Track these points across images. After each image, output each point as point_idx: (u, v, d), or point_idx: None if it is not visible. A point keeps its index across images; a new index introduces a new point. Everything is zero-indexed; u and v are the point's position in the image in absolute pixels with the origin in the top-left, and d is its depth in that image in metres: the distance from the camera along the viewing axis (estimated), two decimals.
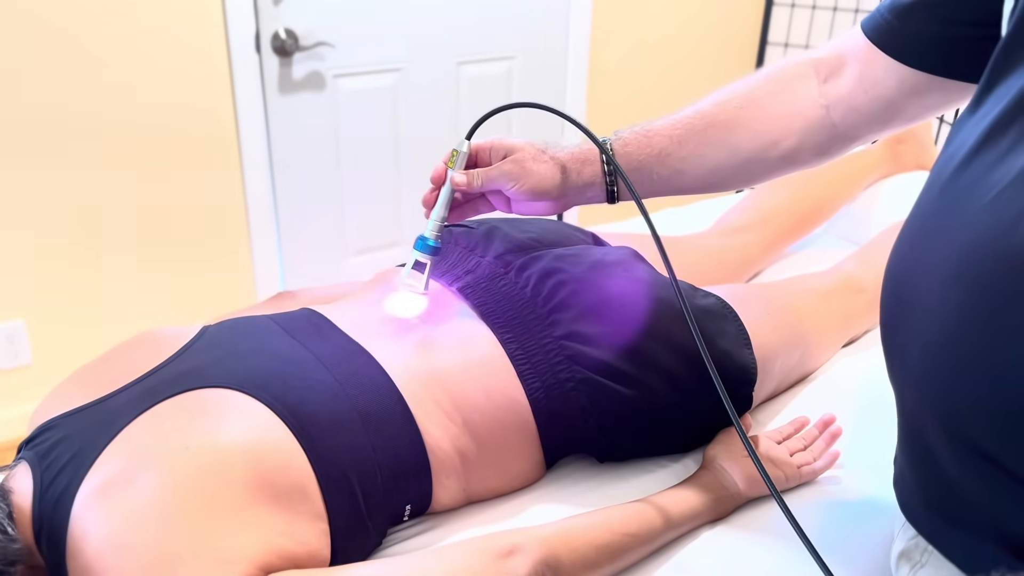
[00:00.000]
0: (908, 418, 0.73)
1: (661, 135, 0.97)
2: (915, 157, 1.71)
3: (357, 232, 2.48)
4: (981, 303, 0.60)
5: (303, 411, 0.83)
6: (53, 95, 1.93)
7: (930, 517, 0.73)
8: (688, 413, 1.04)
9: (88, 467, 0.76)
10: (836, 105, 0.93)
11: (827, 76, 0.94)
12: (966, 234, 0.62)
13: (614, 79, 2.77)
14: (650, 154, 0.96)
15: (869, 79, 0.90)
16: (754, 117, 0.95)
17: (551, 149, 0.98)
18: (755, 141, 0.95)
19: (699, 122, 0.96)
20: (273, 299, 1.16)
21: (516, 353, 0.98)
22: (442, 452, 0.92)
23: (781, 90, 0.95)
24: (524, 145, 0.97)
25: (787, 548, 0.92)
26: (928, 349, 0.65)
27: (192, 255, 2.23)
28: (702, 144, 0.96)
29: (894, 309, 0.72)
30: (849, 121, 0.93)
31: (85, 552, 0.72)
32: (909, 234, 0.72)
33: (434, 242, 0.99)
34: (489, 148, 0.98)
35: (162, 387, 0.84)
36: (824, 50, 0.96)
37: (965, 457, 0.63)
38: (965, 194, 0.63)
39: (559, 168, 0.96)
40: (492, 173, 0.96)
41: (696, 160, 0.96)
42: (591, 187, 0.98)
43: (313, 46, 2.20)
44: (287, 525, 0.77)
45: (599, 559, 0.86)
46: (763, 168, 0.97)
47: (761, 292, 1.23)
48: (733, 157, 0.96)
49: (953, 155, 0.67)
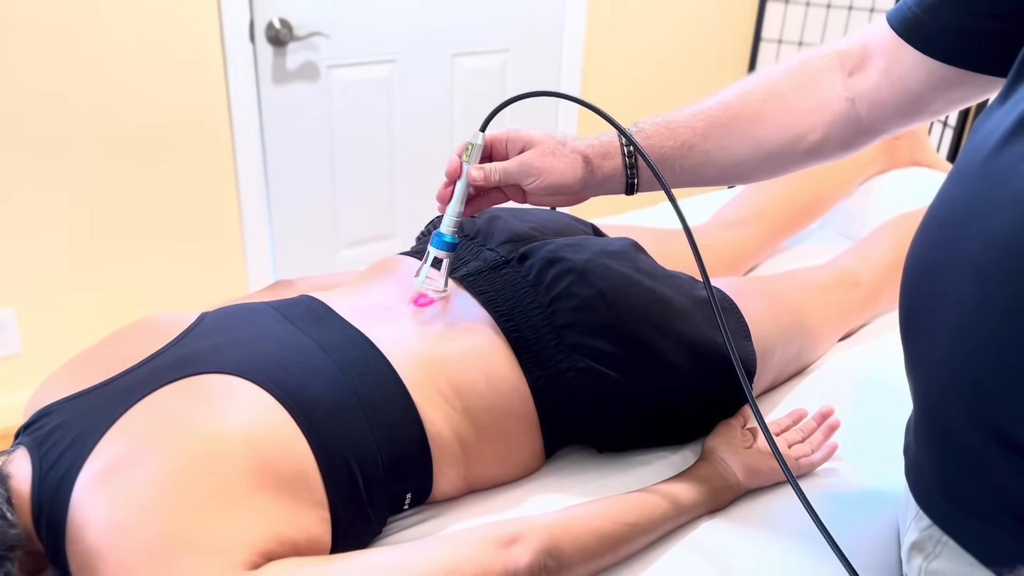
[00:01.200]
0: (929, 406, 0.73)
1: (684, 127, 0.94)
2: (911, 153, 1.71)
3: (350, 224, 2.47)
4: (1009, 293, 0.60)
5: (304, 397, 0.83)
6: (44, 84, 1.91)
7: (947, 506, 0.73)
8: (687, 404, 1.04)
9: (88, 452, 0.75)
10: (862, 99, 0.92)
11: (852, 69, 0.93)
12: (1000, 224, 0.61)
13: (609, 72, 2.77)
14: (673, 146, 0.94)
15: (896, 72, 0.88)
16: (779, 110, 0.93)
17: (571, 142, 0.94)
18: (780, 135, 0.94)
19: (723, 114, 0.94)
20: (270, 287, 1.15)
21: (517, 341, 0.97)
22: (443, 439, 0.92)
23: (806, 83, 0.94)
24: (543, 138, 0.94)
25: (786, 538, 0.93)
26: (957, 337, 0.65)
27: (183, 245, 2.22)
28: (726, 137, 0.94)
29: (917, 298, 0.72)
30: (875, 115, 0.92)
31: (85, 537, 0.72)
32: (934, 224, 0.71)
33: (451, 238, 0.96)
34: (505, 140, 0.95)
35: (162, 372, 0.83)
36: (848, 42, 0.94)
37: (989, 444, 0.63)
38: (997, 183, 0.63)
39: (581, 162, 0.93)
40: (511, 168, 0.92)
41: (720, 153, 0.95)
42: (611, 180, 0.95)
43: (307, 36, 2.19)
44: (288, 512, 0.77)
45: (600, 548, 0.86)
46: (788, 161, 0.96)
47: (760, 285, 1.23)
48: (758, 150, 0.94)
49: (981, 145, 0.66)
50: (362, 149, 2.40)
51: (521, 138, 0.94)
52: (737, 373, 1.04)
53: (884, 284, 1.34)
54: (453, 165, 0.94)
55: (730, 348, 0.85)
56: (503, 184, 0.94)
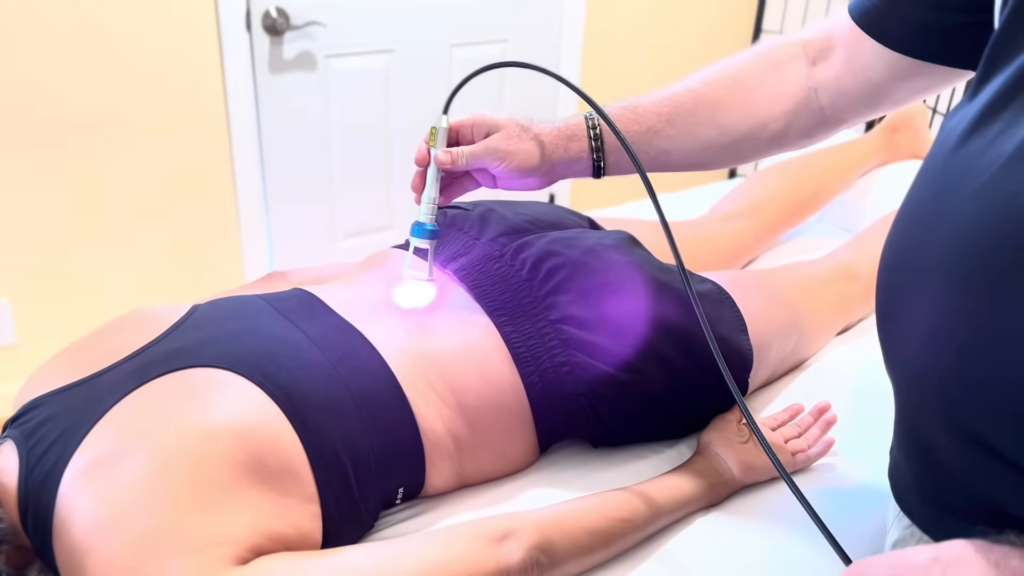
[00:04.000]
0: (905, 408, 0.73)
1: (650, 112, 0.96)
2: (911, 146, 1.71)
3: (347, 214, 2.46)
4: (977, 290, 0.59)
5: (295, 391, 0.82)
6: (39, 75, 1.89)
7: (926, 507, 0.72)
8: (682, 399, 1.03)
9: (76, 446, 0.75)
10: (824, 88, 0.93)
11: (816, 59, 0.93)
12: (960, 220, 0.61)
13: (607, 63, 2.75)
14: (639, 131, 0.95)
15: (857, 63, 0.89)
16: (743, 98, 0.95)
17: (535, 125, 0.95)
18: (744, 123, 0.95)
19: (688, 100, 0.95)
20: (264, 279, 1.14)
21: (511, 336, 0.97)
22: (435, 435, 0.91)
23: (770, 71, 0.95)
24: (507, 122, 0.95)
25: (781, 533, 0.92)
26: (926, 338, 0.65)
27: (179, 236, 2.21)
28: (691, 123, 0.95)
29: (890, 299, 0.71)
30: (837, 104, 0.93)
31: (72, 532, 0.71)
32: (903, 223, 0.71)
33: (431, 225, 0.96)
34: (471, 125, 0.96)
35: (152, 366, 0.82)
36: (813, 32, 0.95)
37: (963, 446, 0.63)
38: (957, 180, 0.62)
39: (544, 145, 0.94)
40: (477, 151, 0.93)
41: (684, 138, 0.96)
42: (578, 162, 0.96)
43: (304, 25, 2.18)
44: (278, 507, 0.76)
45: (593, 544, 0.85)
46: (751, 149, 0.97)
47: (757, 279, 1.22)
48: (722, 137, 0.96)
49: (945, 142, 0.66)
50: (359, 139, 2.39)
51: (486, 122, 0.94)
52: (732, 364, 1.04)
53: None
54: (421, 152, 0.95)
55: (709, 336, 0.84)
56: (471, 167, 0.95)
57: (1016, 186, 0.57)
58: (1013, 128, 0.59)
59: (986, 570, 0.52)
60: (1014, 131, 0.59)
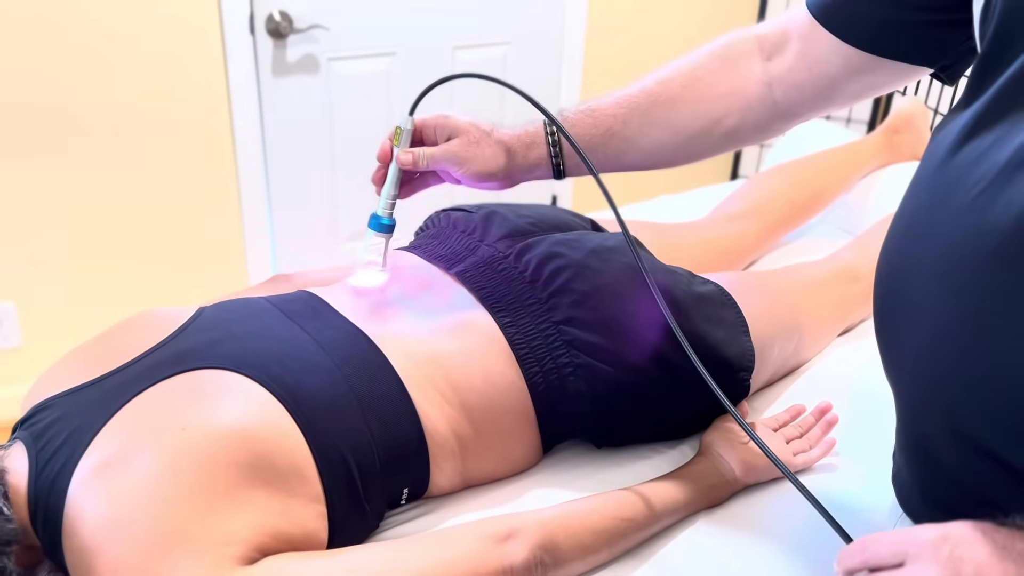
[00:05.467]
0: (906, 415, 0.73)
1: (606, 114, 0.98)
2: (912, 147, 1.71)
3: (350, 217, 2.46)
4: (968, 301, 0.60)
5: (301, 393, 0.83)
6: (44, 78, 1.90)
7: (928, 511, 0.73)
8: (685, 400, 1.04)
9: (84, 447, 0.75)
10: (779, 82, 0.93)
11: (771, 53, 0.94)
12: (954, 230, 0.61)
13: (609, 65, 2.76)
14: (596, 134, 0.97)
15: (812, 56, 0.90)
16: (697, 97, 0.96)
17: (496, 131, 0.98)
18: (698, 121, 0.96)
19: (643, 101, 0.97)
20: (269, 282, 1.15)
21: (515, 337, 0.97)
22: (440, 435, 0.92)
23: (723, 67, 0.96)
24: (468, 127, 0.97)
25: (783, 533, 0.93)
26: (922, 348, 0.65)
27: (184, 239, 2.21)
28: (646, 123, 0.97)
29: (886, 309, 0.72)
30: (791, 99, 0.94)
31: (81, 532, 0.72)
32: (896, 233, 0.71)
33: (388, 220, 1.00)
34: (433, 127, 0.98)
35: (159, 367, 0.83)
36: (768, 26, 0.96)
37: (965, 453, 0.63)
38: (951, 189, 0.63)
39: (504, 152, 0.97)
40: (437, 155, 0.96)
41: (640, 139, 0.98)
42: (537, 167, 0.99)
43: (307, 29, 2.18)
44: (284, 507, 0.77)
45: (596, 543, 0.86)
46: (706, 146, 0.99)
47: (759, 280, 1.23)
48: (676, 136, 0.97)
49: (935, 151, 0.67)
50: (362, 142, 2.39)
51: (448, 125, 0.97)
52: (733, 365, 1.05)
53: None
54: (384, 149, 0.98)
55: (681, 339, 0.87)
56: (431, 168, 0.98)
57: (1011, 196, 0.57)
58: (1006, 138, 0.59)
59: (993, 552, 0.53)
60: (1007, 141, 0.59)
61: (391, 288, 1.02)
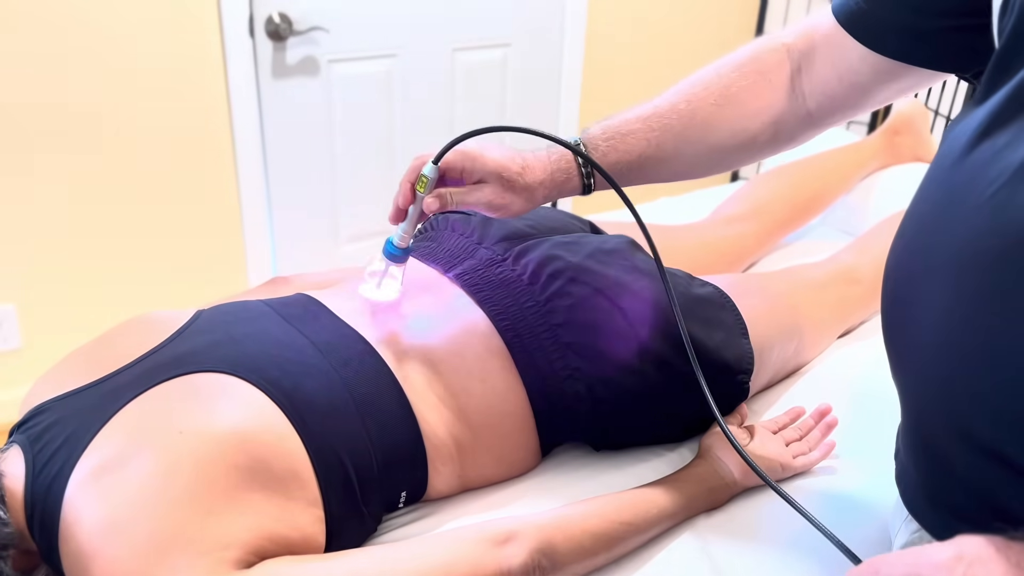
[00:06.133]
0: (913, 416, 0.72)
1: (638, 138, 0.94)
2: (912, 148, 1.71)
3: (350, 219, 2.46)
4: (986, 298, 0.59)
5: (298, 396, 0.83)
6: (44, 80, 1.90)
7: (934, 512, 0.72)
8: (684, 402, 1.03)
9: (81, 451, 0.75)
10: (811, 95, 0.93)
11: (800, 63, 0.93)
12: (968, 229, 0.61)
13: (609, 67, 2.76)
14: (628, 160, 0.94)
15: (843, 67, 0.89)
16: (733, 115, 0.94)
17: (528, 170, 0.92)
18: (734, 139, 0.95)
19: (676, 123, 0.94)
20: (267, 284, 1.15)
21: (513, 341, 0.97)
22: (437, 439, 0.92)
23: (757, 82, 0.94)
24: (499, 170, 0.91)
25: (781, 536, 0.93)
26: (932, 347, 0.65)
27: (183, 241, 2.22)
28: (681, 144, 0.95)
29: (895, 308, 0.71)
30: (824, 109, 0.93)
31: (77, 536, 0.72)
32: (908, 232, 0.71)
33: (401, 252, 0.96)
34: (460, 168, 0.91)
35: (156, 371, 0.83)
36: (794, 34, 0.94)
37: (972, 454, 0.63)
38: (965, 189, 0.62)
39: (537, 192, 0.93)
40: (469, 200, 0.91)
41: (673, 161, 0.96)
42: (568, 194, 0.96)
43: (307, 31, 2.18)
44: (281, 510, 0.77)
45: (594, 547, 0.86)
46: (739, 160, 0.98)
47: (758, 282, 1.23)
48: (712, 154, 0.96)
49: (951, 148, 0.66)
50: (362, 144, 2.39)
51: (477, 169, 0.91)
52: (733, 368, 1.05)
53: None
54: (406, 196, 0.92)
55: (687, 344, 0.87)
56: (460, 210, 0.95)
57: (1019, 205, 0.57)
58: (1018, 142, 0.59)
59: (1008, 570, 0.52)
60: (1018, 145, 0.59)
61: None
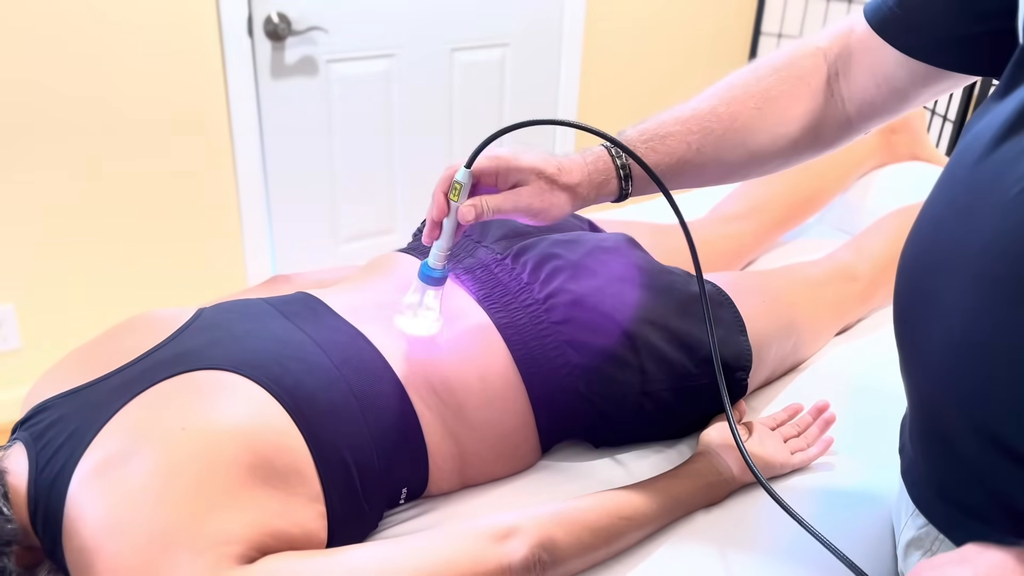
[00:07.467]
0: (925, 411, 0.72)
1: (678, 141, 0.92)
2: (908, 147, 1.71)
3: (349, 219, 2.47)
4: (1006, 295, 0.59)
5: (300, 393, 0.83)
6: (43, 79, 1.91)
7: (944, 506, 0.72)
8: (683, 399, 1.04)
9: (84, 448, 0.76)
10: (851, 100, 0.92)
11: (837, 68, 0.92)
12: (992, 227, 0.61)
13: (608, 67, 2.77)
14: (668, 163, 0.92)
15: (880, 73, 0.88)
16: (774, 120, 0.93)
17: (564, 170, 0.88)
18: (775, 144, 0.94)
19: (716, 127, 0.93)
20: (268, 283, 1.15)
21: (512, 338, 0.98)
22: (438, 435, 0.92)
23: (796, 87, 0.93)
24: (534, 172, 0.87)
25: (781, 532, 0.93)
26: (951, 344, 0.65)
27: (183, 241, 2.22)
28: (721, 149, 0.93)
29: (911, 303, 0.71)
30: (864, 115, 0.93)
31: (80, 532, 0.72)
32: (927, 226, 0.70)
33: (439, 272, 0.90)
34: (495, 173, 0.87)
35: (158, 368, 0.83)
36: (827, 38, 0.94)
37: (988, 450, 0.63)
38: (990, 186, 0.62)
39: (575, 196, 0.90)
40: (505, 206, 0.87)
41: (715, 164, 0.94)
42: (604, 197, 0.93)
43: (306, 30, 2.19)
44: (283, 506, 0.77)
45: (595, 542, 0.86)
46: (777, 165, 0.97)
47: (756, 280, 1.23)
48: (753, 159, 0.95)
49: (972, 144, 0.66)
50: (361, 144, 2.40)
51: (511, 171, 0.87)
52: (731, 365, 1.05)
53: (881, 279, 1.34)
54: (440, 208, 0.87)
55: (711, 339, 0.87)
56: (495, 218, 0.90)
57: None
58: None
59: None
60: None
61: (389, 290, 1.02)
